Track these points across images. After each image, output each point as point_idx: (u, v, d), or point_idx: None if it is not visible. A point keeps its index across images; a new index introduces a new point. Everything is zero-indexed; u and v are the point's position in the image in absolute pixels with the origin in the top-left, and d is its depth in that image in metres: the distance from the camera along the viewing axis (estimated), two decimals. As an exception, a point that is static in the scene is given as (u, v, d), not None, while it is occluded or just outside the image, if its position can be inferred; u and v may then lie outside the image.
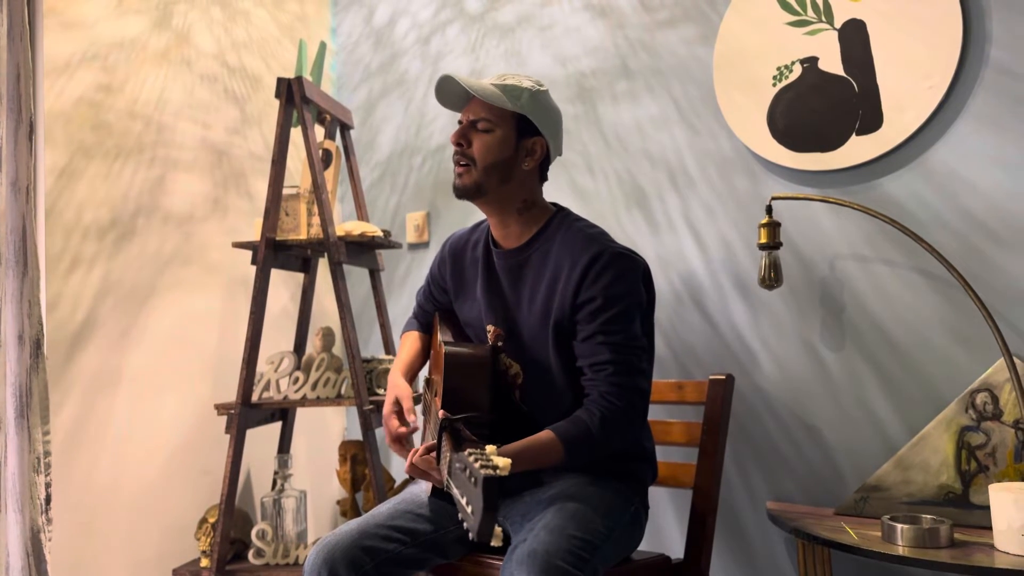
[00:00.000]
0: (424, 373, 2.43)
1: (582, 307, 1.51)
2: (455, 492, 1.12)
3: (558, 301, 1.53)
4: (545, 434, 1.43)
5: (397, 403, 1.63)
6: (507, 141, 1.57)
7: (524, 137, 1.59)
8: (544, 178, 1.66)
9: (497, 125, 1.57)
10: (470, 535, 0.99)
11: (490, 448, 1.04)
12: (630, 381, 1.49)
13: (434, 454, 1.40)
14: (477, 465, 0.99)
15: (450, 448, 1.21)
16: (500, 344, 1.62)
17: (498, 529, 0.97)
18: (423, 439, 1.78)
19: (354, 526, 1.52)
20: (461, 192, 1.59)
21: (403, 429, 1.59)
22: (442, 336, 1.68)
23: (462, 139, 1.58)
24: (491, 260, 1.66)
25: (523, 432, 1.45)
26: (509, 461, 0.99)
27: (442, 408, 1.46)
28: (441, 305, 1.81)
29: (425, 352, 1.83)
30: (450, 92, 1.62)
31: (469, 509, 1.02)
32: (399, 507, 1.58)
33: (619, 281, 1.50)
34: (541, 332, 1.56)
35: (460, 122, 1.61)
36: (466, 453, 1.06)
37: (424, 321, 1.86)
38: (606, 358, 1.48)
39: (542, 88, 1.61)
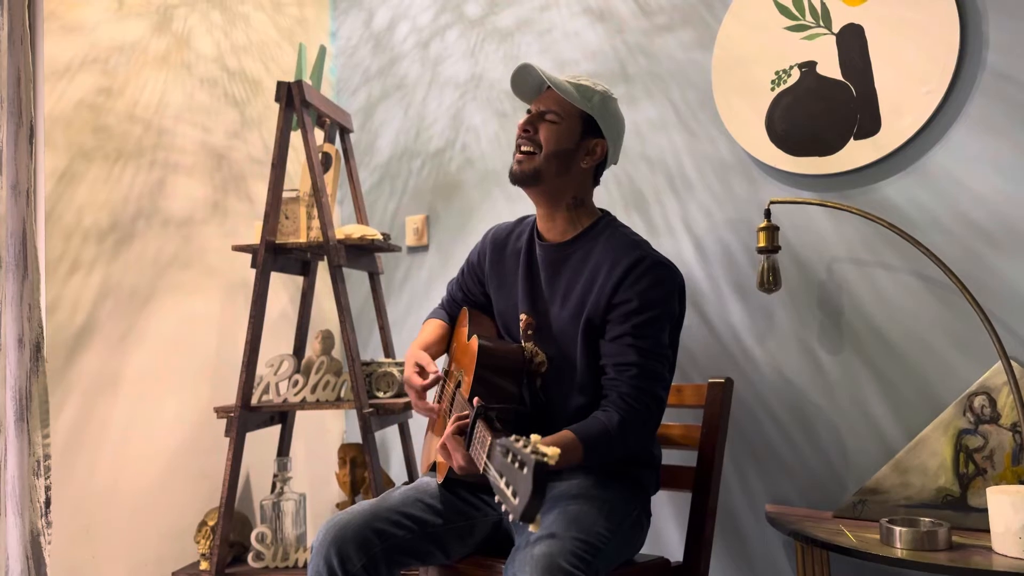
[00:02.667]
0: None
1: (616, 307, 1.54)
2: (493, 474, 1.14)
3: (593, 298, 1.56)
4: (565, 433, 1.44)
5: (417, 365, 1.68)
6: (572, 135, 1.63)
7: (588, 136, 1.65)
8: (597, 181, 1.72)
9: (565, 119, 1.63)
10: (510, 517, 1.02)
11: (535, 437, 1.07)
12: (650, 386, 1.51)
13: (463, 437, 1.41)
14: (528, 450, 1.02)
15: (490, 434, 1.22)
16: (530, 332, 1.65)
17: (538, 516, 1.00)
18: (434, 428, 1.78)
19: (367, 507, 1.53)
20: (519, 177, 1.64)
21: (426, 381, 1.64)
22: (472, 331, 1.71)
23: (530, 126, 1.64)
24: (533, 252, 1.70)
25: (536, 421, 1.46)
26: (558, 450, 1.02)
27: (472, 396, 1.49)
28: (472, 296, 1.85)
29: (445, 340, 1.84)
30: (524, 82, 1.69)
31: (509, 491, 1.05)
32: (410, 494, 1.59)
33: (656, 288, 1.54)
34: (571, 327, 1.59)
35: (529, 111, 1.67)
36: (512, 439, 1.09)
37: (451, 312, 1.89)
38: (631, 360, 1.51)
39: (612, 96, 1.68)
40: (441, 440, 1.45)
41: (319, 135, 2.54)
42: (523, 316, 1.68)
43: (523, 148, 1.63)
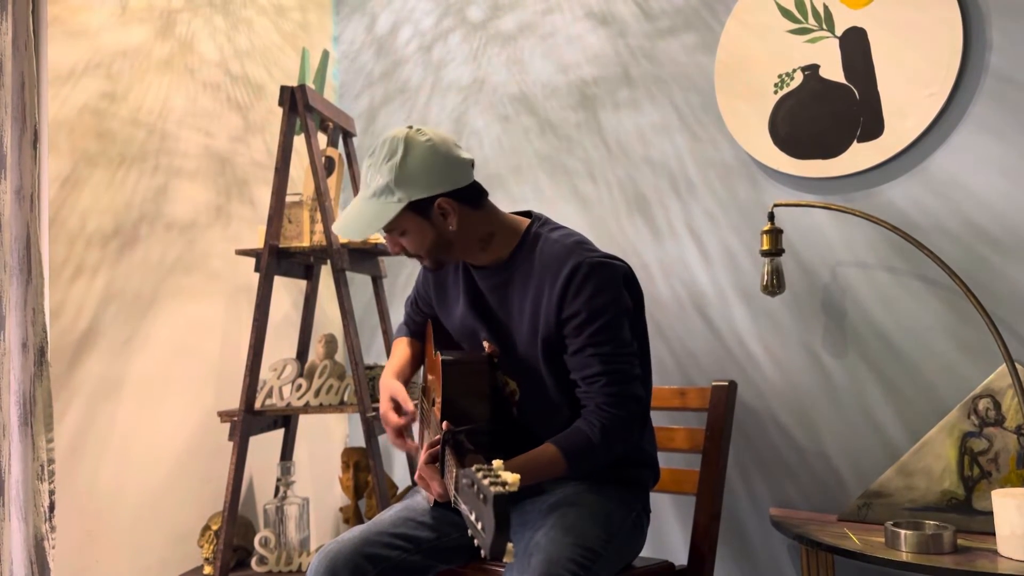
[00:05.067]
0: (417, 380, 2.43)
1: (567, 322, 1.48)
2: (463, 508, 1.10)
3: (543, 318, 1.51)
4: (547, 447, 1.43)
5: (392, 399, 1.62)
6: (421, 228, 1.51)
7: (427, 212, 1.50)
8: (481, 205, 1.55)
9: (401, 224, 1.50)
10: (482, 552, 0.98)
11: (497, 463, 1.03)
12: (625, 389, 1.47)
13: (437, 464, 1.40)
14: (486, 482, 0.97)
15: (455, 463, 1.20)
16: (496, 360, 1.61)
17: (510, 545, 0.95)
18: (420, 444, 1.78)
19: (356, 533, 1.51)
20: (434, 271, 1.66)
21: (402, 420, 1.57)
22: (437, 345, 1.68)
23: (396, 248, 1.57)
24: (472, 279, 1.63)
25: (523, 446, 1.45)
26: (518, 476, 0.98)
27: (443, 418, 1.46)
28: (428, 317, 1.81)
29: (416, 358, 1.82)
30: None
31: (479, 526, 1.00)
32: (401, 514, 1.58)
33: (601, 292, 1.47)
34: (531, 348, 1.55)
35: None
36: (473, 469, 1.05)
37: (414, 329, 1.85)
38: (598, 370, 1.47)
39: (400, 153, 1.47)
40: (417, 471, 1.44)
41: (322, 139, 2.54)
42: (486, 344, 1.61)
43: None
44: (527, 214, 1.64)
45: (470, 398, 1.50)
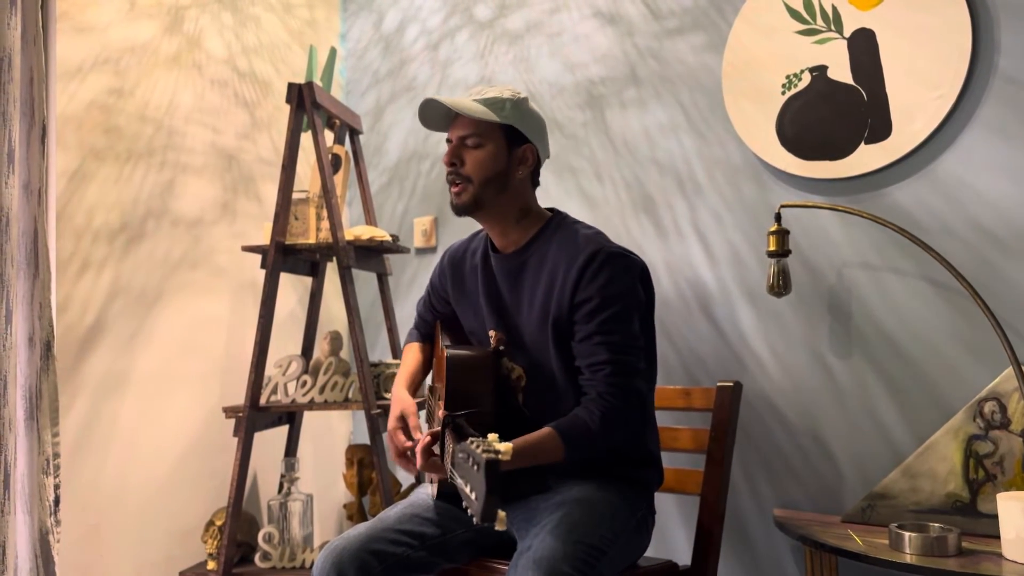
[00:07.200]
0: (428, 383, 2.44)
1: (579, 307, 1.51)
2: (458, 481, 1.13)
3: (556, 301, 1.54)
4: (546, 431, 1.44)
5: (402, 418, 1.63)
6: (499, 153, 1.58)
7: (514, 146, 1.60)
8: (536, 183, 1.67)
9: (486, 139, 1.57)
10: (474, 520, 1.01)
11: (491, 436, 1.05)
12: (627, 382, 1.49)
13: (437, 446, 1.41)
14: (479, 451, 1.01)
15: (453, 442, 1.22)
16: (502, 348, 1.62)
17: (502, 513, 0.98)
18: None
19: (362, 530, 1.52)
20: (460, 209, 1.60)
21: (409, 444, 1.59)
22: (444, 342, 1.69)
23: (455, 159, 1.58)
24: (489, 265, 1.67)
25: (526, 434, 1.46)
26: (511, 445, 1.01)
27: (445, 408, 1.47)
28: (441, 315, 1.82)
29: (427, 362, 1.83)
30: (433, 115, 1.62)
31: (472, 495, 1.03)
32: (407, 511, 1.58)
33: (616, 281, 1.51)
34: (541, 333, 1.57)
35: (449, 140, 1.61)
36: (468, 441, 1.08)
37: (424, 332, 1.86)
38: (603, 358, 1.48)
39: (522, 96, 1.62)
40: (419, 460, 1.45)
41: (329, 136, 2.54)
42: (492, 333, 1.64)
43: (455, 182, 1.58)
44: (549, 210, 1.69)
45: (474, 392, 1.52)
